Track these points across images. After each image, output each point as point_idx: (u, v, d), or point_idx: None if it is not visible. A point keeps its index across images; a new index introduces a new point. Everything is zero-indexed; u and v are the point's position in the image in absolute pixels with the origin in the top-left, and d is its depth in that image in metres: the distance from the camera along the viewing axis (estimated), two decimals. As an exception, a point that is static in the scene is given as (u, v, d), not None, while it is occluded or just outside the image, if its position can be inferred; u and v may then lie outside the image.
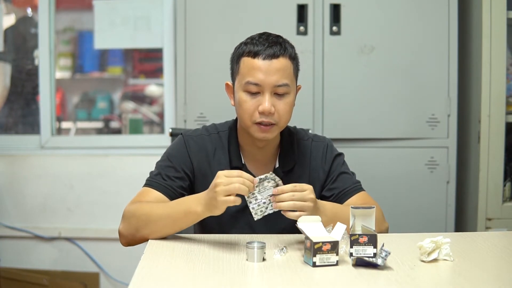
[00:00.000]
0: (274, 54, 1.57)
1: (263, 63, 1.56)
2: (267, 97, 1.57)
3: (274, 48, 1.57)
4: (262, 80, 1.56)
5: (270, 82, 1.56)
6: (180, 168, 1.65)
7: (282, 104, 1.59)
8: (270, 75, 1.56)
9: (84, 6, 3.50)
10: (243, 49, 1.60)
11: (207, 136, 1.71)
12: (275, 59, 1.57)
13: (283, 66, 1.58)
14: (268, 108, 1.56)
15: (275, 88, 1.57)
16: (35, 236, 3.00)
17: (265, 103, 1.56)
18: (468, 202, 2.62)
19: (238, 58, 1.62)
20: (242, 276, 1.27)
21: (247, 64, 1.58)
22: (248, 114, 1.59)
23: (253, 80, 1.57)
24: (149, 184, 1.63)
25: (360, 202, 1.66)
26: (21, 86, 3.25)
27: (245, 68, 1.58)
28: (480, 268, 1.36)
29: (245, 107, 1.59)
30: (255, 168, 1.69)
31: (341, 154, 1.77)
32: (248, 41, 1.61)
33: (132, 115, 3.76)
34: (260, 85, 1.57)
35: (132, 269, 1.27)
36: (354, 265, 1.33)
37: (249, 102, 1.58)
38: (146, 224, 1.51)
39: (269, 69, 1.56)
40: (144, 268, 1.30)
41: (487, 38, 2.44)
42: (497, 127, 2.48)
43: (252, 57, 1.58)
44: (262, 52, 1.57)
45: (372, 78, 2.55)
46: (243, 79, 1.59)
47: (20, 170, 3.01)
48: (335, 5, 2.52)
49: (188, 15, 2.55)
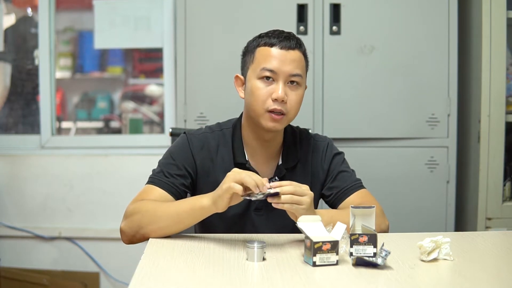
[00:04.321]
0: (290, 46, 1.62)
1: (280, 52, 1.61)
2: (281, 85, 1.61)
3: (290, 41, 1.63)
4: (278, 68, 1.60)
5: (285, 70, 1.61)
6: (182, 166, 1.66)
7: (294, 95, 1.63)
8: (285, 64, 1.61)
9: (84, 6, 3.50)
10: (259, 41, 1.65)
11: (210, 133, 1.72)
12: (291, 50, 1.62)
13: (297, 58, 1.63)
14: (282, 95, 1.60)
15: (289, 77, 1.62)
16: (35, 236, 3.00)
17: (278, 91, 1.60)
18: (468, 202, 2.62)
19: (253, 49, 1.65)
20: (242, 275, 1.27)
21: (263, 52, 1.63)
22: (261, 101, 1.61)
23: (269, 66, 1.61)
24: (152, 182, 1.64)
25: (359, 201, 1.67)
26: (21, 86, 3.25)
27: (261, 57, 1.63)
28: (480, 268, 1.36)
29: (258, 93, 1.62)
30: (258, 165, 1.70)
31: (341, 153, 1.78)
32: (263, 35, 1.66)
33: (132, 115, 3.76)
34: (275, 72, 1.61)
35: (132, 269, 1.27)
36: (354, 264, 1.33)
37: (263, 90, 1.62)
38: (151, 221, 1.51)
39: (285, 59, 1.61)
40: (144, 268, 1.30)
41: (487, 38, 2.44)
42: (497, 127, 2.48)
43: (269, 46, 1.62)
44: (278, 43, 1.62)
45: (372, 78, 2.55)
46: (258, 67, 1.62)
47: (20, 170, 3.01)
48: (335, 5, 2.52)
49: (188, 15, 2.55)
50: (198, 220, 1.52)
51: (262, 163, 1.71)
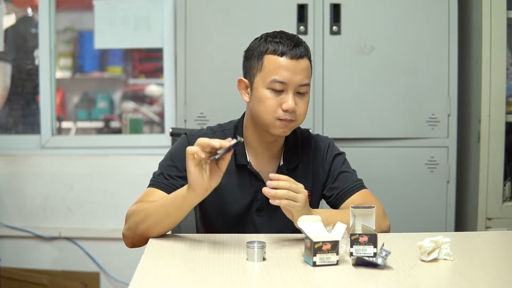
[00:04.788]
0: (300, 55, 1.60)
1: (290, 63, 1.59)
2: (291, 95, 1.60)
3: (300, 48, 1.60)
4: (289, 79, 1.59)
5: (295, 81, 1.59)
6: (182, 167, 1.64)
7: (302, 103, 1.63)
8: (296, 75, 1.59)
9: (84, 6, 3.50)
10: (266, 47, 1.61)
11: (211, 134, 1.71)
12: (301, 59, 1.60)
13: (306, 67, 1.62)
14: (292, 106, 1.59)
15: (299, 87, 1.61)
16: (35, 236, 3.00)
17: (289, 102, 1.59)
18: (468, 202, 2.62)
19: (260, 55, 1.62)
20: (242, 276, 1.27)
21: (273, 62, 1.60)
22: (272, 111, 1.60)
23: (280, 78, 1.59)
24: (152, 184, 1.64)
25: (361, 201, 1.67)
26: (21, 86, 3.25)
27: (271, 66, 1.60)
28: (480, 268, 1.36)
29: (269, 103, 1.60)
30: (260, 166, 1.70)
31: (342, 153, 1.78)
32: (270, 39, 1.62)
33: (132, 115, 3.76)
34: (286, 83, 1.59)
35: (132, 269, 1.27)
36: (354, 264, 1.33)
37: (272, 100, 1.60)
38: (143, 220, 1.51)
39: (295, 69, 1.59)
40: (144, 268, 1.30)
41: (487, 38, 2.44)
42: (497, 127, 2.48)
43: (279, 55, 1.60)
44: (288, 52, 1.59)
45: (372, 78, 2.55)
46: (267, 77, 1.60)
47: (20, 170, 3.01)
48: (335, 5, 2.52)
49: (188, 15, 2.55)
50: (185, 210, 1.48)
51: (264, 164, 1.71)
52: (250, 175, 1.69)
